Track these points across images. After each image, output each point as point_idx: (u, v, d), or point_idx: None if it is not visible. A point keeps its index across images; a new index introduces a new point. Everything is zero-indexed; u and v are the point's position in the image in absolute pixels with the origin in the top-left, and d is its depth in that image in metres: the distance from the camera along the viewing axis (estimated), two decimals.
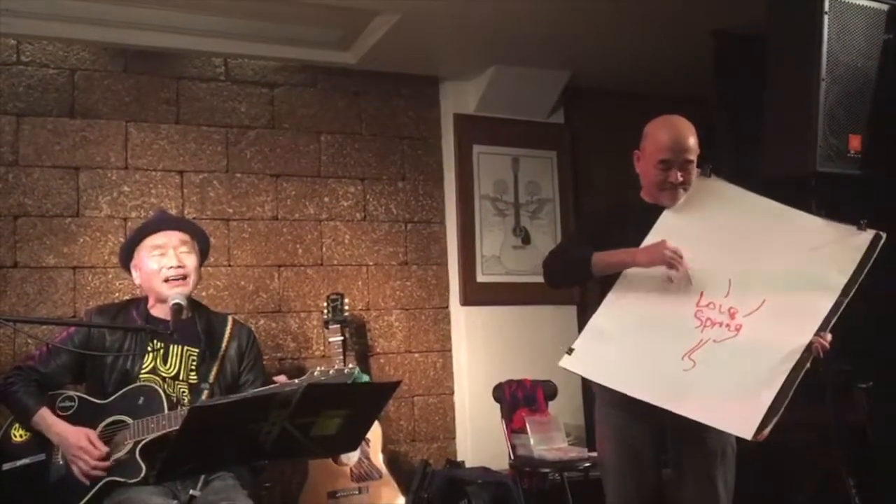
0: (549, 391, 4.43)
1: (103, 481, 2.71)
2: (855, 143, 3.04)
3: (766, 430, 2.45)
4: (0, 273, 3.93)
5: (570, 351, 2.75)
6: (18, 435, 2.83)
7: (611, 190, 5.06)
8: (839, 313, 2.60)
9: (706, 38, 4.25)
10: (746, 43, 4.03)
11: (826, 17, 2.96)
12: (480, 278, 4.86)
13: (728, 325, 2.64)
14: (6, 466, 2.78)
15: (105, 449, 2.72)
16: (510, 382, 4.45)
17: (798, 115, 3.04)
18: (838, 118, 3.00)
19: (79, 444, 2.70)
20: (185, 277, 2.96)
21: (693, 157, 2.81)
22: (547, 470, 4.13)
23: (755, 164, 3.30)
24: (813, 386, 3.19)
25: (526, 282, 4.95)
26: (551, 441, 4.24)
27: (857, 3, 3.04)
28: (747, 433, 2.46)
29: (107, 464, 2.71)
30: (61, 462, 2.77)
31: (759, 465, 4.11)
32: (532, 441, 4.19)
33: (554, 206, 5.10)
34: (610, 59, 4.68)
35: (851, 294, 2.61)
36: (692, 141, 2.80)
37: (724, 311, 2.66)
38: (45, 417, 2.77)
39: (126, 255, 3.06)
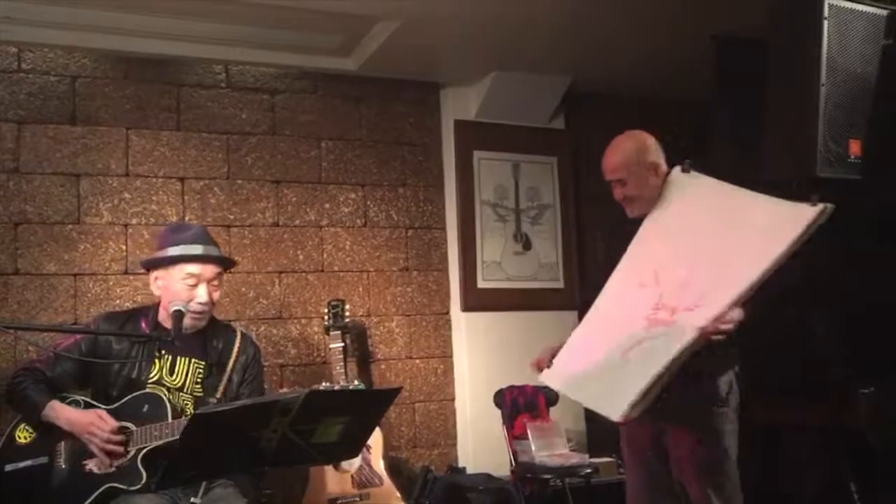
0: (551, 397, 4.43)
1: (104, 487, 2.70)
2: (855, 147, 3.04)
3: (634, 413, 2.54)
4: (1, 280, 3.93)
5: (549, 364, 2.84)
6: (23, 437, 2.83)
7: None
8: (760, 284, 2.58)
9: (706, 42, 4.26)
10: (746, 47, 4.03)
11: (826, 23, 2.96)
12: (481, 284, 4.86)
13: (668, 323, 2.65)
14: (8, 467, 2.78)
15: (115, 423, 2.72)
16: (511, 388, 4.44)
17: (798, 120, 3.04)
18: (838, 123, 3.00)
19: (90, 421, 2.71)
20: (208, 313, 2.95)
21: (616, 176, 2.97)
22: (548, 476, 4.12)
23: (755, 168, 3.30)
24: (816, 390, 3.20)
25: (527, 287, 4.96)
26: (553, 447, 4.23)
27: (856, 9, 3.04)
28: (615, 415, 2.56)
29: (121, 438, 2.71)
30: (63, 467, 2.77)
31: (762, 468, 4.10)
32: (533, 447, 4.19)
33: (554, 211, 5.10)
34: (610, 64, 4.69)
35: (779, 263, 2.58)
36: (613, 162, 2.98)
37: (668, 309, 2.68)
38: (55, 407, 2.77)
39: (153, 264, 2.99)
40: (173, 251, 2.92)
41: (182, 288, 2.89)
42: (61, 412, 2.76)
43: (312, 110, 4.64)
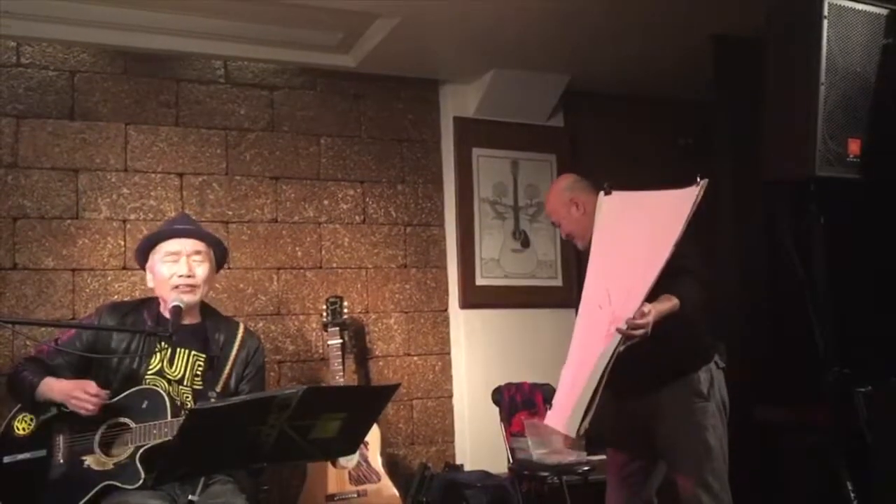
0: (548, 394, 4.42)
1: (101, 485, 2.70)
2: (854, 147, 3.03)
3: (586, 425, 2.72)
4: None
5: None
6: (21, 428, 2.82)
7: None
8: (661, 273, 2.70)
9: (705, 42, 4.26)
10: (745, 47, 4.03)
11: (825, 22, 2.95)
12: (479, 281, 4.86)
13: (613, 334, 2.76)
14: (6, 459, 2.77)
15: (98, 389, 2.73)
16: (509, 386, 4.44)
17: (797, 120, 3.03)
18: (837, 122, 3.00)
19: (76, 388, 2.72)
20: (193, 287, 2.94)
21: (553, 217, 3.32)
22: (546, 473, 4.12)
23: (754, 167, 3.30)
24: (813, 389, 3.19)
25: (525, 285, 4.96)
26: (550, 445, 4.24)
27: (856, 8, 3.03)
28: (572, 432, 2.75)
29: (106, 392, 2.73)
30: (62, 461, 2.77)
31: (759, 469, 4.10)
32: (531, 444, 4.19)
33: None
34: (609, 62, 4.69)
35: (676, 249, 2.70)
36: (546, 209, 3.38)
37: (618, 320, 2.75)
38: (48, 382, 2.78)
39: (141, 257, 3.06)
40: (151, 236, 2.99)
41: (165, 268, 2.92)
42: (54, 385, 2.78)
43: (311, 107, 4.64)
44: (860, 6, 3.03)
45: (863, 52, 3.07)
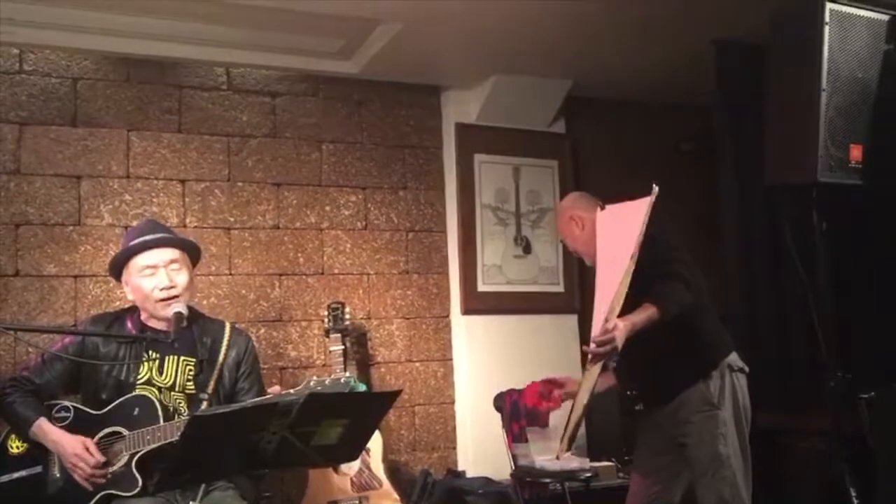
0: None
1: (100, 494, 2.70)
2: (856, 152, 3.04)
3: (569, 446, 2.84)
4: (1, 281, 3.93)
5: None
6: (15, 446, 2.82)
7: (612, 199, 5.06)
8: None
9: (707, 46, 4.26)
10: (747, 51, 4.04)
11: (827, 28, 2.96)
12: (481, 287, 4.85)
13: None
14: (3, 479, 2.76)
15: (101, 458, 2.71)
16: (511, 391, 4.43)
17: (799, 125, 3.03)
18: (839, 128, 3.00)
19: (75, 452, 2.70)
20: (177, 297, 2.90)
21: (561, 237, 3.34)
22: (548, 480, 4.12)
23: (757, 172, 3.31)
24: (817, 395, 3.19)
25: (527, 291, 4.95)
26: (552, 451, 4.22)
27: (857, 14, 3.04)
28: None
29: (105, 471, 2.70)
30: (58, 475, 2.76)
31: (762, 474, 4.09)
32: (533, 451, 4.18)
33: (555, 215, 5.09)
34: (611, 68, 4.69)
35: (635, 262, 2.72)
36: (557, 226, 3.42)
37: None
38: (43, 427, 2.76)
39: (116, 273, 3.01)
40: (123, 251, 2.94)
41: (145, 282, 2.88)
42: (49, 434, 2.75)
43: (313, 113, 4.64)
44: (862, 12, 3.04)
45: (864, 57, 3.07)
